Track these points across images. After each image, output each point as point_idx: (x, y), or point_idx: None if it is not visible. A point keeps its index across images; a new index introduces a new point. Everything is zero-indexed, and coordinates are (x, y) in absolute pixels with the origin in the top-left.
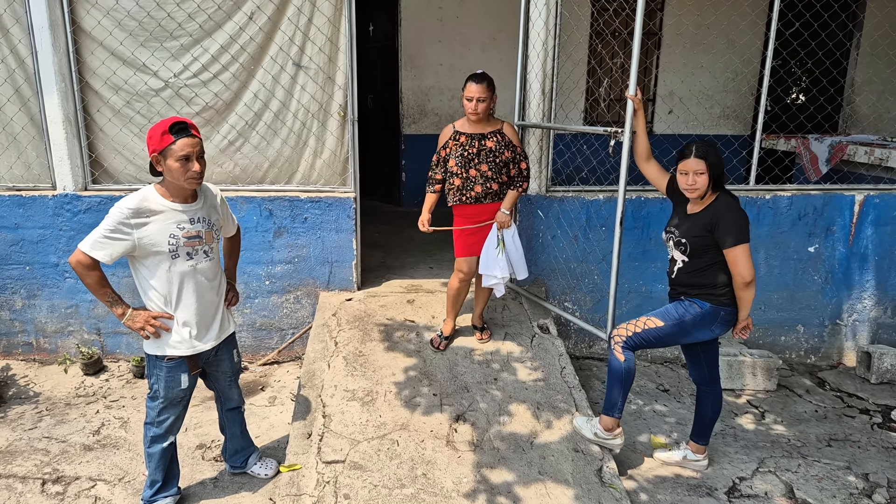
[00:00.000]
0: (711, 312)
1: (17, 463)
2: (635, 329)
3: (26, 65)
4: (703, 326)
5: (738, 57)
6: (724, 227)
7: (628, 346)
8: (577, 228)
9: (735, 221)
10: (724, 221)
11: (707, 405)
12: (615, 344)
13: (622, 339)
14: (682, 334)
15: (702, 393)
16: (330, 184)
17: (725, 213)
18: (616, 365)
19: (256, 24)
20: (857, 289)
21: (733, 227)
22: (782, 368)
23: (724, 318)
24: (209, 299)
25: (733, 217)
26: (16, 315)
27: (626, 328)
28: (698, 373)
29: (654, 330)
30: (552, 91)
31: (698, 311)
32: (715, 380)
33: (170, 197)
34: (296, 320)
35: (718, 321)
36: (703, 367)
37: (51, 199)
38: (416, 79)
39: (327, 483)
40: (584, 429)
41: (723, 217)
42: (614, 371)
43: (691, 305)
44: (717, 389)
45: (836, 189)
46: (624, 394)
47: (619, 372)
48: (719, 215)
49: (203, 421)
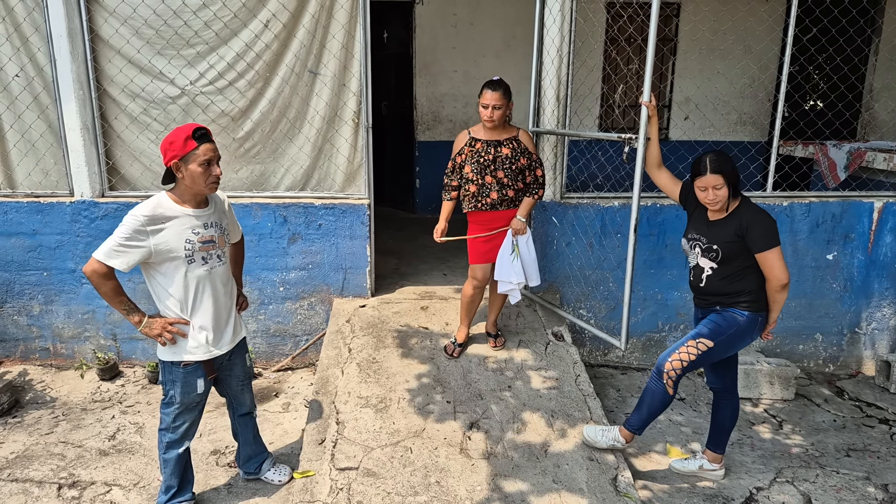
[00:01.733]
0: (752, 320)
1: (33, 467)
2: (690, 358)
3: (45, 73)
4: (747, 336)
5: (755, 62)
6: (756, 231)
7: (681, 377)
8: (591, 235)
9: (766, 225)
10: (754, 226)
11: (726, 413)
12: (669, 378)
13: (677, 373)
14: (729, 349)
15: (720, 401)
16: (344, 190)
17: (754, 217)
18: (663, 398)
19: (272, 32)
20: (876, 297)
21: (766, 231)
22: (800, 377)
23: (762, 324)
24: (223, 303)
25: (763, 221)
26: (33, 320)
27: (681, 360)
28: (719, 380)
29: (707, 353)
30: (566, 97)
31: (741, 321)
32: (734, 388)
33: (183, 203)
34: (309, 327)
35: (757, 328)
36: (724, 374)
37: (68, 205)
38: (430, 85)
39: (340, 490)
40: (599, 440)
41: (753, 221)
42: (659, 401)
43: (732, 317)
44: (735, 397)
45: (855, 196)
46: (652, 416)
47: (664, 403)
48: (749, 220)
49: (217, 426)
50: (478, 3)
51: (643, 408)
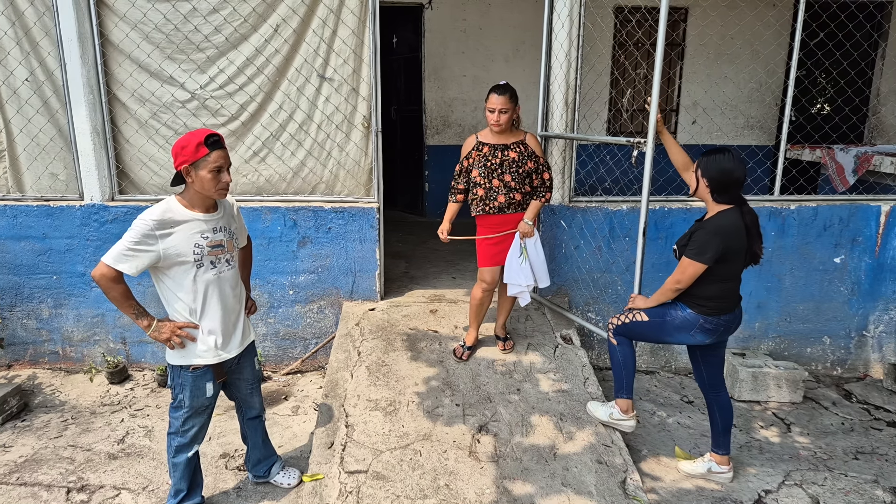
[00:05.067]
0: (691, 319)
1: (42, 471)
2: (625, 320)
3: (55, 77)
4: (684, 330)
5: (762, 67)
6: (696, 238)
7: (620, 332)
8: (600, 239)
9: (705, 237)
10: (699, 235)
11: (715, 411)
12: (608, 330)
13: (613, 326)
14: (663, 333)
15: (707, 399)
16: (354, 194)
17: (706, 230)
18: (612, 349)
19: (282, 37)
20: (883, 300)
21: (700, 241)
22: (808, 380)
23: (704, 326)
24: (232, 307)
25: (707, 237)
26: (43, 324)
27: (619, 319)
28: (698, 377)
29: (639, 323)
30: (575, 102)
31: (680, 315)
32: (716, 385)
33: (192, 207)
34: (319, 330)
35: (697, 328)
36: (702, 371)
37: (78, 209)
38: (439, 90)
39: (350, 493)
40: (599, 411)
41: (701, 231)
42: (612, 355)
43: (676, 308)
44: (722, 395)
45: (862, 199)
46: (627, 375)
47: (614, 355)
48: (701, 229)
49: (227, 430)
50: (487, 9)
51: (613, 370)
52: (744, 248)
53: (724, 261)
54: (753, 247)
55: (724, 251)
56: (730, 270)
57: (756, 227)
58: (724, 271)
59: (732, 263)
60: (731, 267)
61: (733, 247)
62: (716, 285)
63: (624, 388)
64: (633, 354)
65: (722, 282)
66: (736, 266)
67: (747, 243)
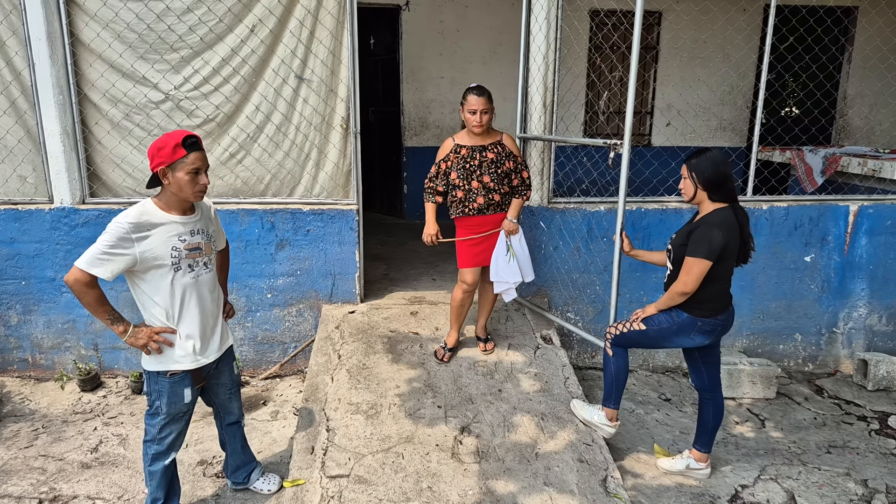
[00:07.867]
0: (689, 322)
1: (12, 482)
2: (623, 329)
3: (23, 77)
4: (683, 334)
5: (734, 70)
6: (695, 236)
7: (618, 343)
8: (578, 239)
9: (706, 235)
10: (699, 232)
11: (709, 412)
12: (606, 340)
13: (612, 336)
14: (663, 339)
15: (703, 400)
16: (332, 196)
17: (706, 225)
18: (606, 359)
19: (258, 37)
20: (852, 297)
21: (701, 239)
22: (781, 377)
23: (702, 328)
24: (210, 311)
25: (708, 231)
26: (11, 331)
27: (617, 326)
28: (699, 379)
29: (639, 332)
30: (553, 104)
31: (677, 319)
32: (715, 386)
33: (169, 210)
34: (298, 333)
35: (696, 331)
36: (701, 373)
37: (48, 212)
38: (417, 91)
39: (331, 498)
40: (584, 410)
41: (701, 228)
42: (605, 365)
43: (672, 314)
44: (718, 396)
45: (831, 200)
46: (618, 387)
47: (608, 366)
48: (700, 226)
49: (204, 437)
50: (464, 11)
51: (605, 379)
52: (738, 245)
53: (721, 259)
54: (747, 244)
55: (725, 247)
56: (725, 270)
57: (748, 225)
58: (719, 271)
59: (728, 262)
60: (726, 266)
61: (731, 244)
62: (710, 287)
63: (613, 399)
64: (626, 367)
65: (717, 282)
66: (730, 265)
67: (741, 241)
